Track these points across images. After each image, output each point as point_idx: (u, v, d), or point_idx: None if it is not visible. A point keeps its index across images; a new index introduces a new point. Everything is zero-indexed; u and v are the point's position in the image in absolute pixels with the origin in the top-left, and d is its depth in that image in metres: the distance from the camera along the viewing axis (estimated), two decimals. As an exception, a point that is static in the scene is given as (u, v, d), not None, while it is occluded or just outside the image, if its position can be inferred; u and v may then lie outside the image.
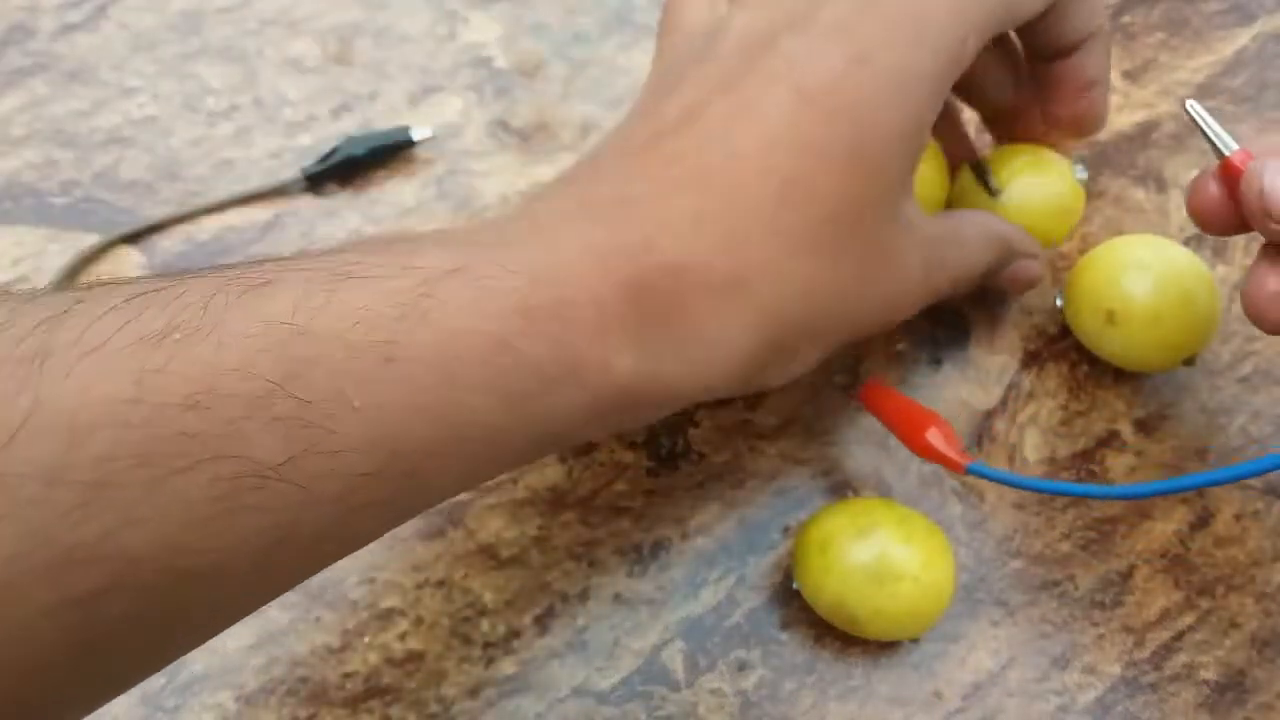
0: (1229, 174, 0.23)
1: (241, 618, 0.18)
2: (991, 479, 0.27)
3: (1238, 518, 0.29)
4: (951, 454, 0.26)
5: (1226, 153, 0.23)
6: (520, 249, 0.19)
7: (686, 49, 0.24)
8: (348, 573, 0.27)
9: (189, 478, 0.15)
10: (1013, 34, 0.27)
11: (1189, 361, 0.29)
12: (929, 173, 0.28)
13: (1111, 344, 0.29)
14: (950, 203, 0.29)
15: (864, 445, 0.29)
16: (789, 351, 0.22)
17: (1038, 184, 0.28)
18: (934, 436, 0.26)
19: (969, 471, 0.26)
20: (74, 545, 0.14)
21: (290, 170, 0.32)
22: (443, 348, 0.17)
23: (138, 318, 0.15)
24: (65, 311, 0.15)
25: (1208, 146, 0.24)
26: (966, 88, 0.28)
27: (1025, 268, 0.28)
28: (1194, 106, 0.24)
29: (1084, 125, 0.28)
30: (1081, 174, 0.29)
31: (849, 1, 0.21)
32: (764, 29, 0.21)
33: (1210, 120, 0.24)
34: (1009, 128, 0.29)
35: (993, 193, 0.28)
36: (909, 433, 0.27)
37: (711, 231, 0.20)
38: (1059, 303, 0.30)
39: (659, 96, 0.22)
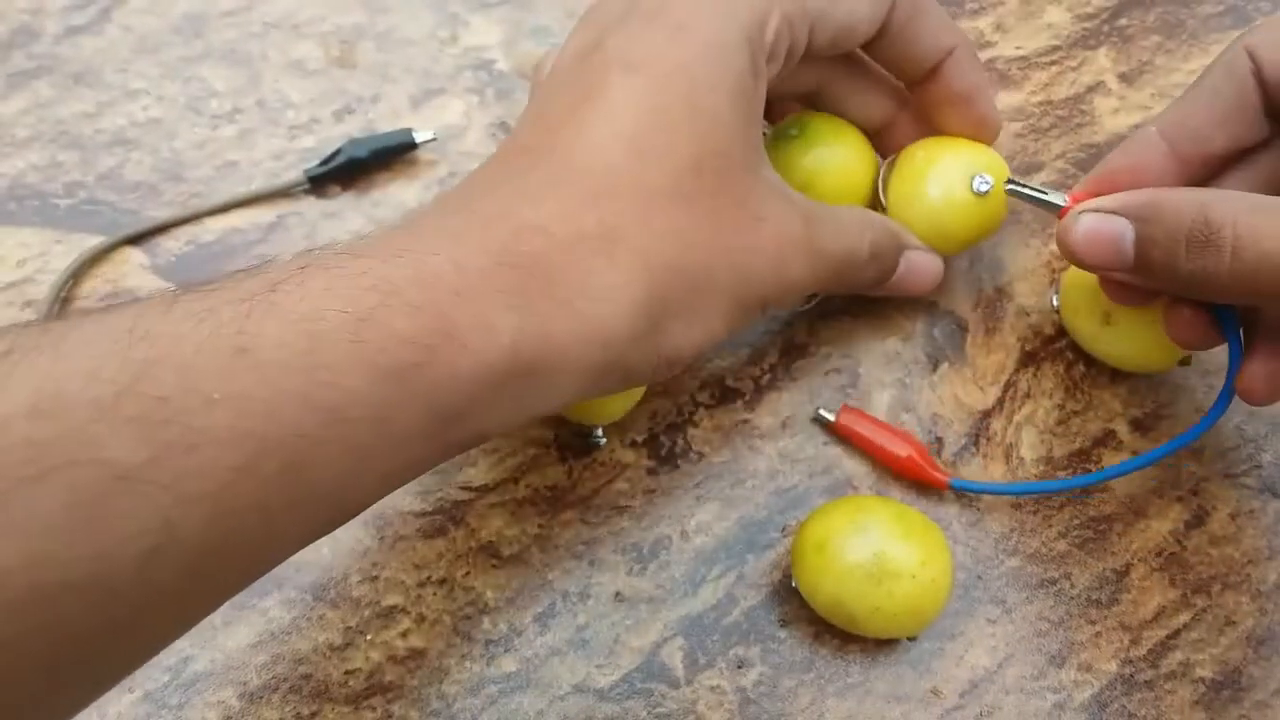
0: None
1: (163, 645, 0.17)
2: (976, 491, 0.28)
3: (1233, 516, 0.29)
4: (933, 473, 0.28)
5: (1060, 209, 0.25)
6: (370, 243, 0.19)
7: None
8: (350, 571, 0.27)
9: (42, 486, 0.14)
10: (866, 59, 0.28)
11: (1185, 362, 0.29)
12: (853, 161, 0.28)
13: (1108, 344, 0.29)
14: (890, 208, 0.29)
15: (862, 445, 0.29)
16: (685, 307, 0.22)
17: (917, 191, 0.28)
18: (912, 459, 0.28)
19: (952, 487, 0.28)
20: None
21: (293, 172, 0.32)
22: (298, 330, 0.17)
23: None
24: None
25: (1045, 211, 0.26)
26: (836, 111, 0.29)
27: (921, 259, 0.28)
28: (1012, 185, 0.26)
29: (979, 136, 0.28)
30: (982, 186, 0.27)
31: None
32: (592, 38, 0.23)
33: (1029, 189, 0.26)
34: (891, 145, 0.30)
35: (1012, 182, 0.27)
36: (887, 457, 0.28)
37: (570, 191, 0.21)
38: (1055, 303, 0.30)
39: (520, 118, 0.24)
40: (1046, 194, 0.26)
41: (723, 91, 0.22)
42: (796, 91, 0.28)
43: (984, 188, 0.27)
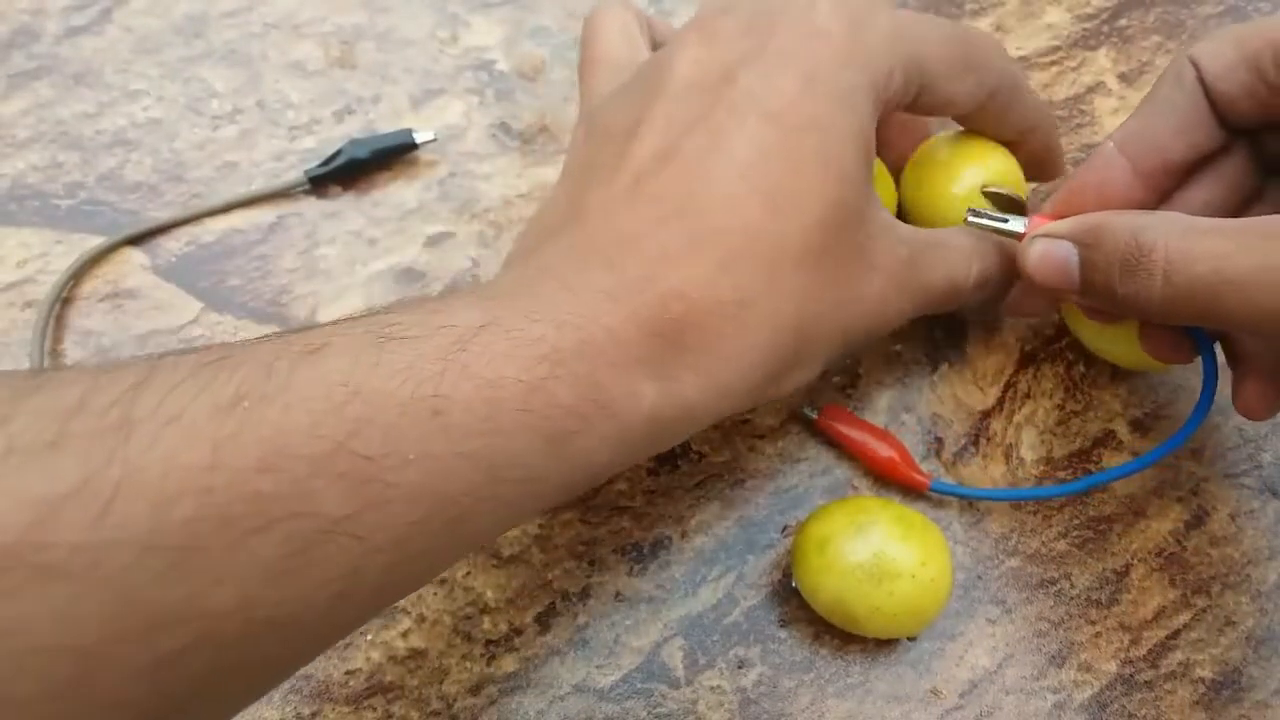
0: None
1: (307, 663, 0.19)
2: (955, 495, 0.28)
3: (1233, 517, 0.29)
4: (914, 475, 0.28)
5: (1020, 235, 0.26)
6: (539, 299, 0.20)
7: (623, 86, 0.25)
8: (350, 571, 0.27)
9: (264, 536, 0.15)
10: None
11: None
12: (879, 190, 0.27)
13: (1114, 340, 0.29)
14: (902, 206, 0.29)
15: (862, 445, 0.29)
16: (798, 359, 0.23)
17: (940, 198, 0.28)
18: (893, 460, 0.28)
19: (933, 489, 0.28)
20: (164, 607, 0.15)
21: (294, 173, 0.32)
22: (483, 397, 0.18)
23: (209, 386, 0.16)
24: (143, 381, 0.16)
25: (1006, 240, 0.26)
26: None
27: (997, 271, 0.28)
28: (972, 218, 0.26)
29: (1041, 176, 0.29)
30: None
31: (794, 32, 0.23)
32: (717, 66, 0.23)
33: (990, 219, 0.26)
34: None
35: (973, 215, 0.27)
36: (870, 457, 0.29)
37: (709, 255, 0.21)
38: None
39: (621, 140, 0.23)
40: (1006, 221, 0.26)
41: (849, 145, 0.22)
42: None
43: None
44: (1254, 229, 0.21)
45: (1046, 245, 0.24)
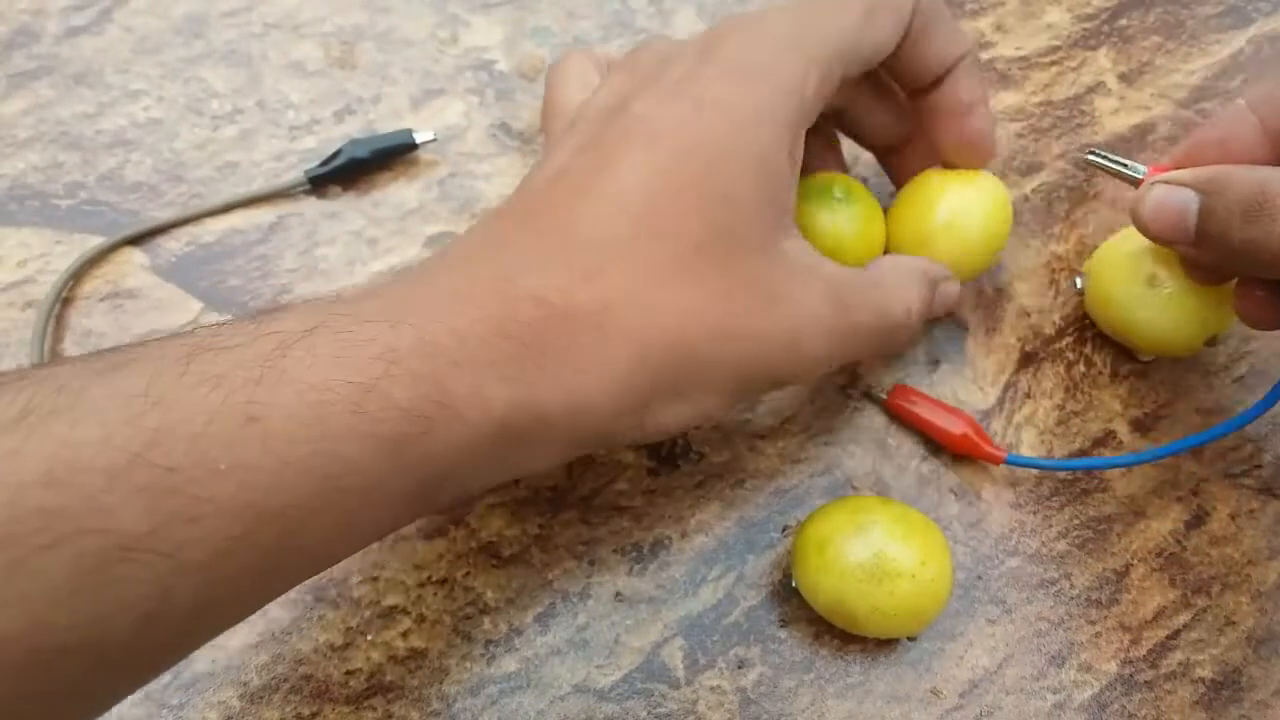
0: None
1: (127, 694, 0.18)
2: (1029, 466, 0.28)
3: (1233, 517, 0.29)
4: (988, 448, 0.28)
5: (1138, 180, 0.25)
6: (377, 301, 0.19)
7: (563, 127, 0.25)
8: (350, 572, 0.27)
9: (52, 555, 0.15)
10: (883, 73, 0.27)
11: (1210, 342, 0.28)
12: (866, 227, 0.27)
13: (1148, 310, 0.28)
14: (891, 237, 0.28)
15: (862, 444, 0.29)
16: (673, 388, 0.22)
17: (930, 230, 0.27)
18: (970, 435, 0.28)
19: (1009, 462, 0.28)
20: None
21: (294, 173, 0.32)
22: (306, 401, 0.17)
23: None
24: None
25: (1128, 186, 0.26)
26: (853, 130, 0.29)
27: (946, 289, 0.27)
28: (1093, 155, 0.27)
29: (974, 152, 0.27)
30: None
31: (690, 59, 0.23)
32: (619, 95, 0.23)
33: (1111, 160, 0.27)
34: (904, 165, 0.29)
35: (1094, 153, 0.27)
36: (943, 433, 0.29)
37: (571, 262, 0.21)
38: (1079, 285, 0.30)
39: (533, 171, 0.24)
40: (1127, 165, 0.27)
41: (744, 170, 0.22)
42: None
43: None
44: None
45: (1165, 192, 0.24)
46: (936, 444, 0.29)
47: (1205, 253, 0.24)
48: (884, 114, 0.28)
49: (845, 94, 0.27)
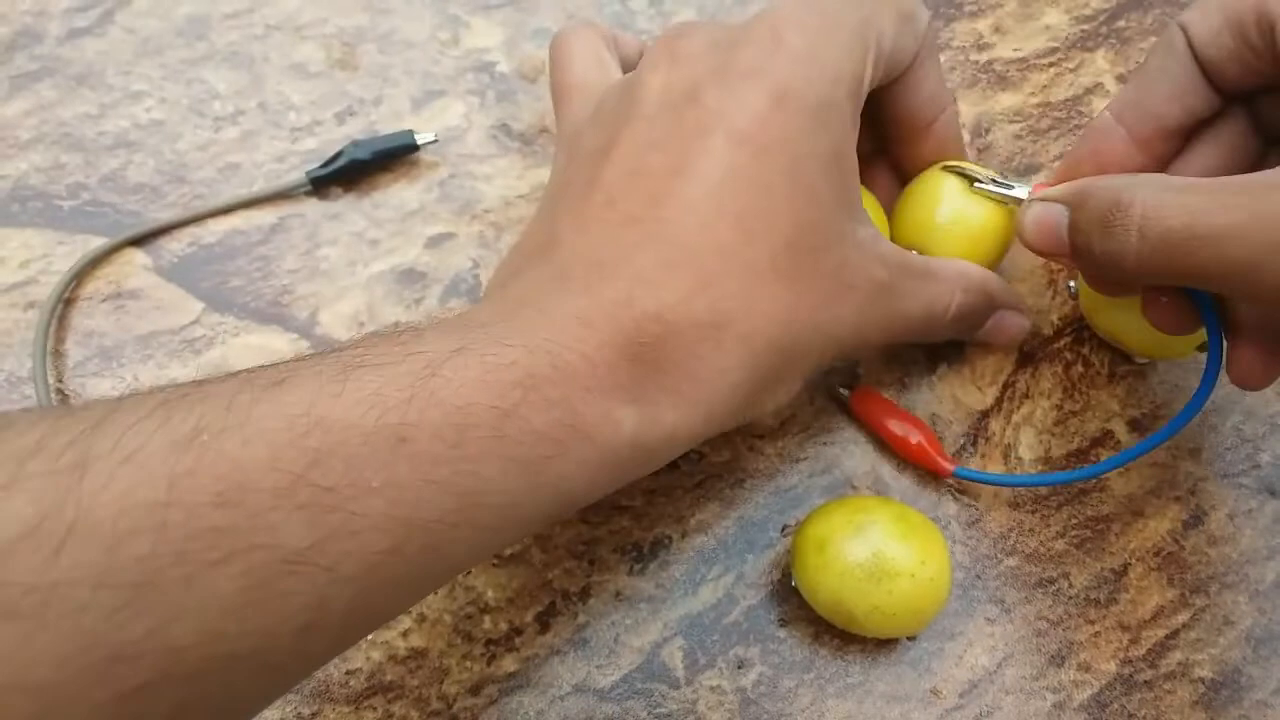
0: None
1: (277, 697, 0.19)
2: (978, 480, 0.28)
3: (1231, 516, 0.29)
4: (939, 460, 0.28)
5: (1021, 199, 0.26)
6: (513, 325, 0.20)
7: (595, 110, 0.25)
8: (351, 571, 0.27)
9: (222, 570, 0.15)
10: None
11: (1204, 347, 0.27)
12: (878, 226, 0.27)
13: (1138, 316, 0.27)
14: (896, 234, 0.29)
15: (861, 444, 0.30)
16: (778, 378, 0.23)
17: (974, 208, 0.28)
18: (920, 444, 0.28)
19: (956, 475, 0.28)
20: (122, 643, 0.15)
21: (295, 174, 0.32)
22: (452, 423, 0.18)
23: (167, 422, 0.16)
24: (100, 421, 0.16)
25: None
26: None
27: (1010, 320, 0.29)
28: (979, 184, 0.27)
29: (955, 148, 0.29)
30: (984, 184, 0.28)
31: (757, 49, 0.22)
32: (683, 85, 0.23)
33: (995, 184, 0.27)
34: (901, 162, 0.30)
35: (978, 182, 0.28)
36: (896, 439, 0.29)
37: (683, 277, 0.21)
38: (1073, 287, 0.29)
39: (592, 164, 0.23)
40: (1013, 188, 0.27)
41: (823, 165, 0.22)
42: None
43: (992, 187, 0.28)
44: (1228, 185, 0.21)
45: (1041, 209, 0.25)
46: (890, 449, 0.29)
47: (1083, 266, 0.25)
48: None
49: None
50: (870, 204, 0.28)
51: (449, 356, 0.18)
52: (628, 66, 0.28)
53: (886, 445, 0.29)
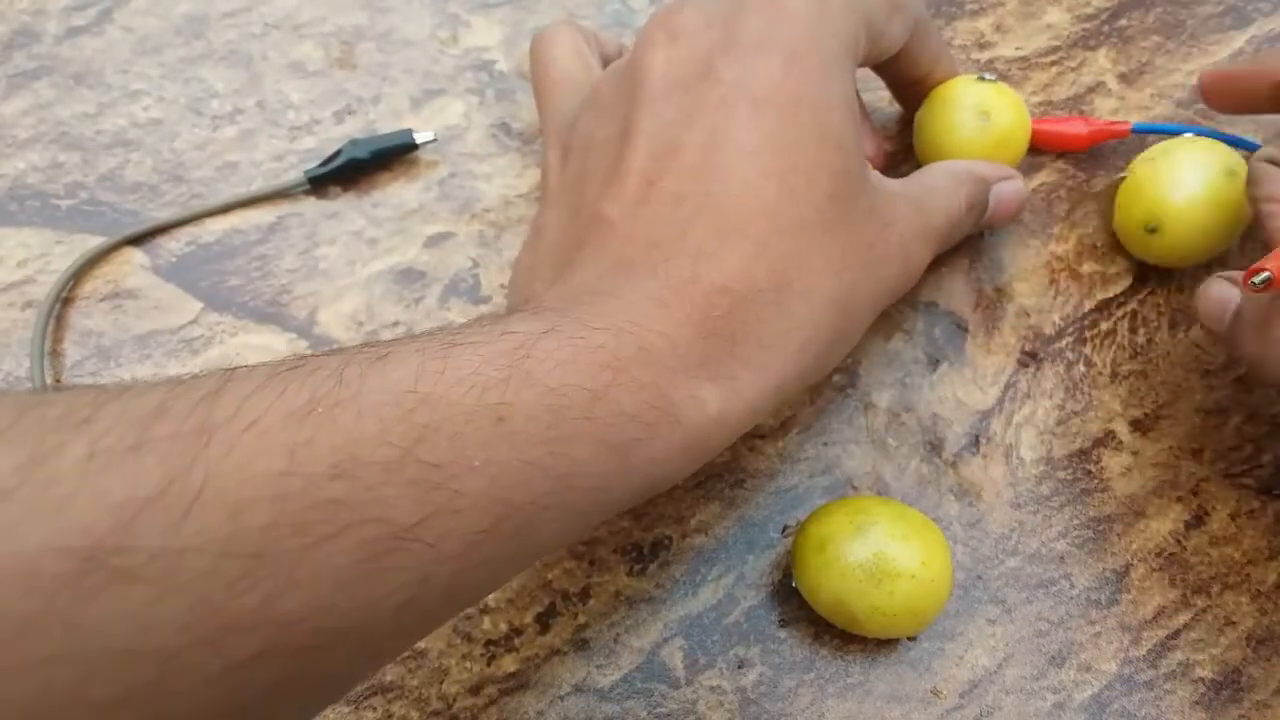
0: None
1: (371, 676, 0.19)
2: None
3: (1233, 517, 0.29)
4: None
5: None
6: (593, 309, 0.20)
7: (590, 100, 0.25)
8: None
9: (337, 543, 0.15)
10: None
11: (1153, 229, 0.30)
12: None
13: (1156, 252, 0.30)
14: (921, 143, 0.31)
15: (862, 444, 0.29)
16: (841, 334, 0.23)
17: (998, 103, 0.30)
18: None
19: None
20: (237, 614, 0.15)
21: (294, 173, 0.32)
22: (545, 404, 0.18)
23: (284, 393, 0.16)
24: (219, 390, 0.16)
25: None
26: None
27: (1007, 190, 0.29)
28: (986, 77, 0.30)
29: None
30: (990, 77, 0.30)
31: (760, 16, 0.23)
32: (693, 62, 0.23)
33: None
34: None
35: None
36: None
37: (740, 244, 0.21)
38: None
39: (611, 149, 0.23)
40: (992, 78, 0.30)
41: (840, 115, 0.23)
42: None
43: (992, 77, 0.30)
44: None
45: (1220, 286, 0.26)
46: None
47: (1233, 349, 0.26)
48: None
49: None
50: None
51: (540, 337, 0.19)
52: (608, 64, 0.29)
53: (897, 436, 0.29)
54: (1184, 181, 0.29)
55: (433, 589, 0.17)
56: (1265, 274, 0.23)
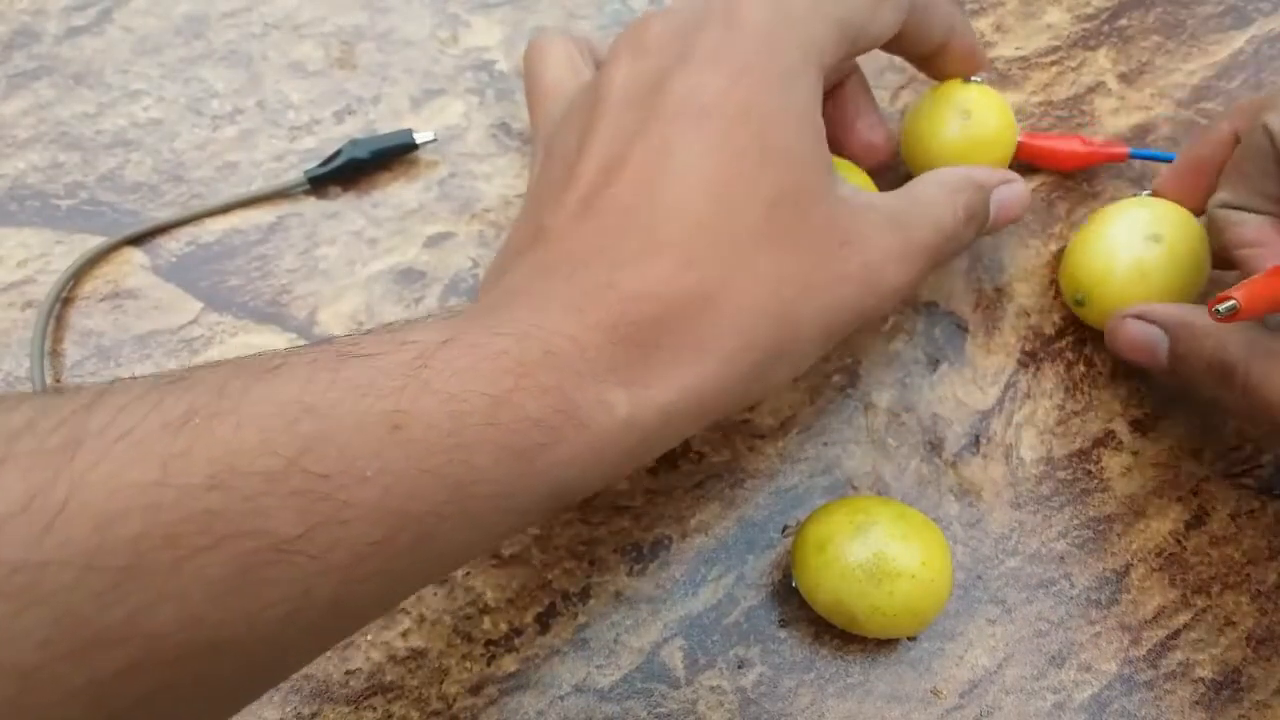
0: None
1: (260, 694, 0.18)
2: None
3: (1233, 517, 0.29)
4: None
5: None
6: (503, 315, 0.20)
7: (567, 110, 0.25)
8: (350, 571, 0.27)
9: (212, 555, 0.15)
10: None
11: (1080, 301, 0.30)
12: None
13: (1085, 319, 0.30)
14: (910, 148, 0.30)
15: (862, 444, 0.29)
16: (772, 352, 0.22)
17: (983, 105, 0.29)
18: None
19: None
20: (104, 627, 0.14)
21: (294, 173, 0.32)
22: (446, 411, 0.17)
23: (160, 405, 0.16)
24: (92, 403, 0.15)
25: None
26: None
27: (1009, 195, 0.28)
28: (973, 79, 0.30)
29: (977, 66, 0.30)
30: (978, 79, 0.30)
31: (714, 32, 0.23)
32: (648, 76, 0.23)
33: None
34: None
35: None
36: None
37: (667, 254, 0.21)
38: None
39: (569, 160, 0.23)
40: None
41: (791, 126, 0.22)
42: None
43: (980, 79, 0.29)
44: None
45: (1139, 330, 0.27)
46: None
47: (1179, 380, 0.27)
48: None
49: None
50: (854, 174, 0.29)
51: (440, 346, 0.18)
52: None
53: (897, 438, 0.29)
54: (1105, 252, 0.29)
55: (316, 602, 0.16)
56: (1231, 303, 0.23)
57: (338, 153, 0.32)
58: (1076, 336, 0.31)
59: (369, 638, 0.27)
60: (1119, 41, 0.36)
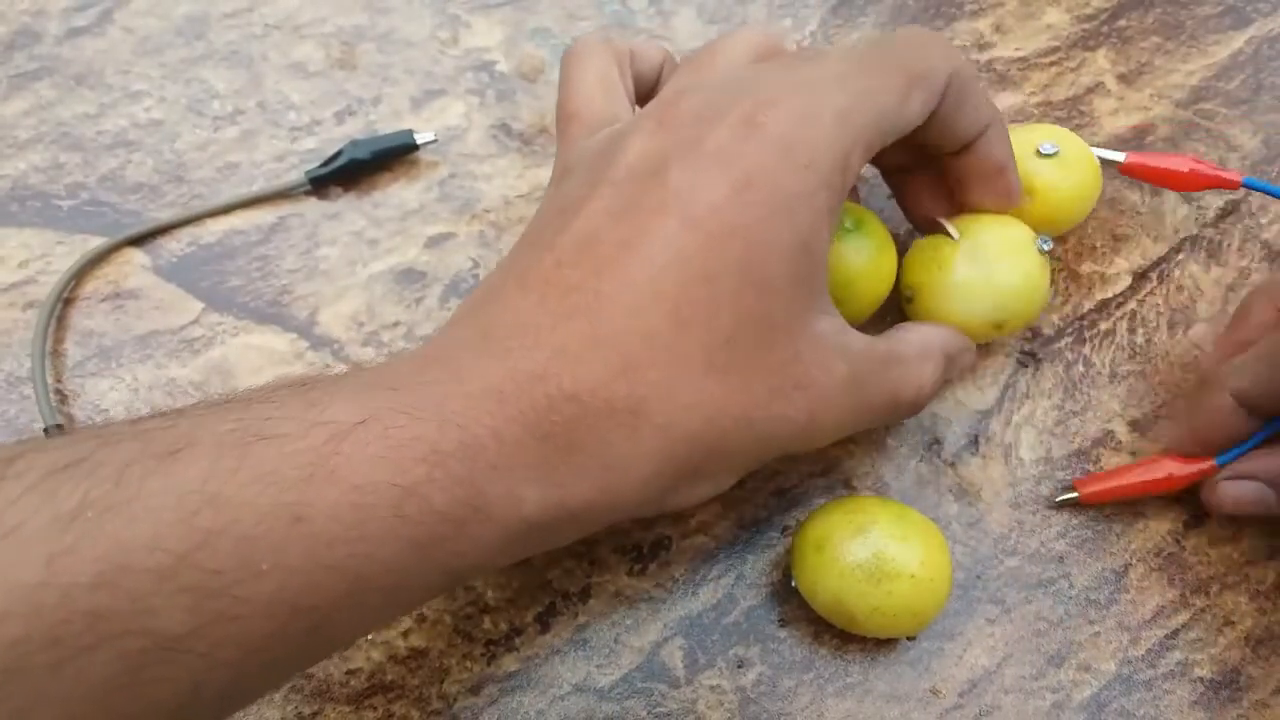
0: None
1: None
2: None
3: (1232, 517, 0.29)
4: (1194, 469, 0.28)
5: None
6: (427, 390, 0.19)
7: (589, 155, 0.24)
8: (351, 571, 0.27)
9: (95, 655, 0.15)
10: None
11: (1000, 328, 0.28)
12: (877, 258, 0.27)
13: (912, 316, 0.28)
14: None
15: (862, 444, 0.30)
16: (697, 472, 0.22)
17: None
18: (1171, 468, 0.28)
19: (1219, 463, 0.28)
20: None
21: (294, 173, 0.32)
22: (351, 503, 0.17)
23: (54, 495, 0.15)
24: None
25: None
26: None
27: (961, 364, 0.27)
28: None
29: (1005, 203, 0.27)
30: (1045, 245, 0.27)
31: (731, 130, 0.21)
32: (655, 156, 0.22)
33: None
34: (912, 188, 0.29)
35: (953, 237, 0.27)
36: (1157, 485, 0.28)
37: (606, 357, 0.20)
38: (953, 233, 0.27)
39: (557, 219, 0.22)
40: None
41: (781, 257, 0.21)
42: None
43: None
44: None
45: (1243, 489, 0.27)
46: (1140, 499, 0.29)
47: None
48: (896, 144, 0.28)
49: None
50: (881, 238, 0.27)
51: (352, 429, 0.18)
52: (645, 80, 0.27)
53: (903, 444, 0.29)
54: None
55: (205, 696, 0.16)
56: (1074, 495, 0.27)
57: (338, 153, 0.32)
58: (1076, 337, 0.31)
59: (369, 637, 0.27)
60: (1118, 42, 0.36)
